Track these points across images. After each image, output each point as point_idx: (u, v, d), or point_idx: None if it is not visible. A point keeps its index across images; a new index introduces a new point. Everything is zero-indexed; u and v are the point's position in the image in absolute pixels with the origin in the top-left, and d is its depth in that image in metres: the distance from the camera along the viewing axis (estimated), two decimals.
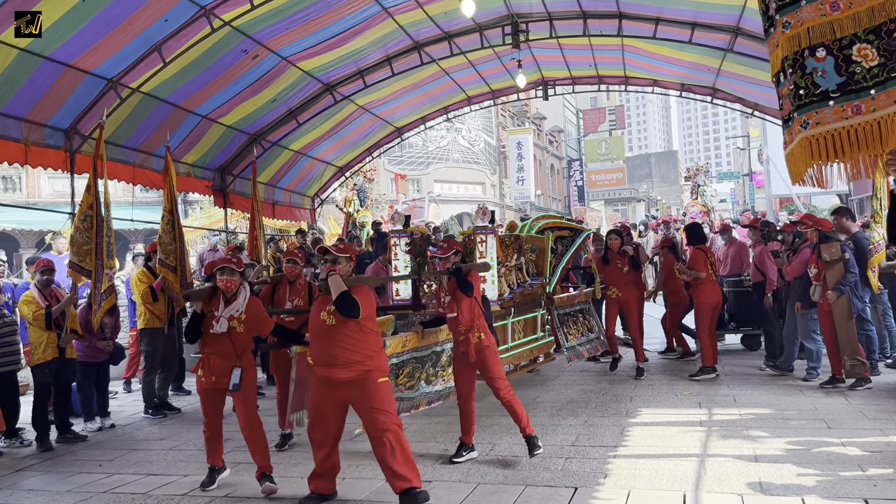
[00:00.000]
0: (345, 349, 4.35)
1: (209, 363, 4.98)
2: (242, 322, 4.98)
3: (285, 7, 8.42)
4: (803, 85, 3.25)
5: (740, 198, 47.89)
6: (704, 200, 22.20)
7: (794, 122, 3.34)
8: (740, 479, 4.61)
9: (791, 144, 3.45)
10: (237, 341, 4.96)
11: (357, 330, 4.37)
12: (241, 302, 5.00)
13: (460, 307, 5.35)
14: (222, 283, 4.97)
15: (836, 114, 3.17)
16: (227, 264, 5.02)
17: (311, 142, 12.71)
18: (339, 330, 4.36)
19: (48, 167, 8.01)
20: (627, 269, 8.48)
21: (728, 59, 10.60)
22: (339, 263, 4.48)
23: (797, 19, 3.26)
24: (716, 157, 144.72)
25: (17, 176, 22.72)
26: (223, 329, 4.90)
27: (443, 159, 36.89)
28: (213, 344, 4.96)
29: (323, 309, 4.43)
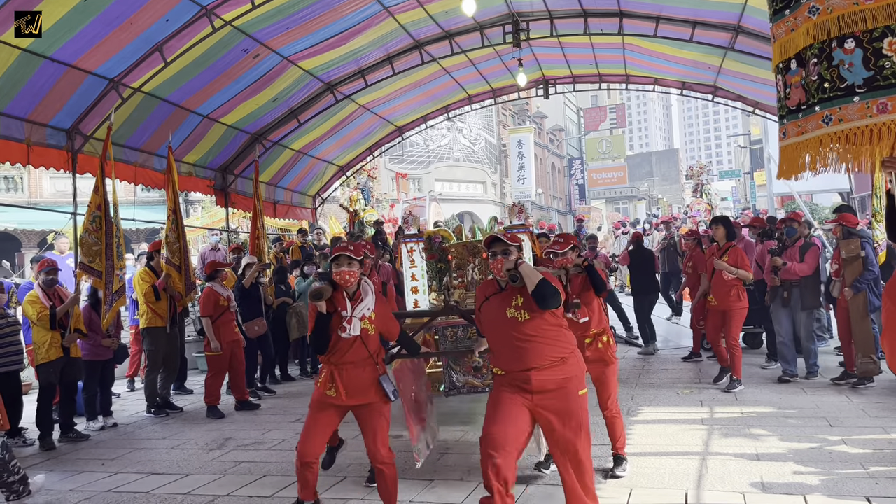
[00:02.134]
0: (543, 345, 3.67)
1: (342, 375, 4.08)
2: (373, 322, 4.15)
3: (286, 6, 8.42)
4: (829, 77, 3.06)
5: (741, 196, 47.87)
6: (710, 199, 22.23)
7: (815, 115, 3.18)
8: (742, 477, 4.61)
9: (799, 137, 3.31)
10: (371, 345, 4.13)
11: (551, 324, 3.72)
12: (370, 298, 4.15)
13: (591, 309, 4.89)
14: (340, 277, 4.07)
15: (861, 110, 2.98)
16: (344, 251, 4.11)
17: (312, 141, 12.72)
18: (534, 325, 3.69)
19: (50, 167, 8.02)
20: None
21: (729, 57, 10.59)
22: (511, 254, 3.80)
23: (826, 5, 3.05)
24: (717, 155, 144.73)
25: (20, 176, 22.74)
26: (356, 332, 4.05)
27: (444, 158, 36.87)
28: (346, 351, 4.07)
29: (508, 306, 3.74)
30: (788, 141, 3.37)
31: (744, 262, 7.37)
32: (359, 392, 4.08)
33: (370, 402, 4.09)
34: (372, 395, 4.08)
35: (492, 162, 40.73)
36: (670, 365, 9.09)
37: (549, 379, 3.66)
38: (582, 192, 52.02)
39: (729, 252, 7.44)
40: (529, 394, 3.67)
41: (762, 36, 9.26)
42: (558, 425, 3.64)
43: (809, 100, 3.21)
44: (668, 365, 9.10)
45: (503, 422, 3.65)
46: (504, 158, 42.87)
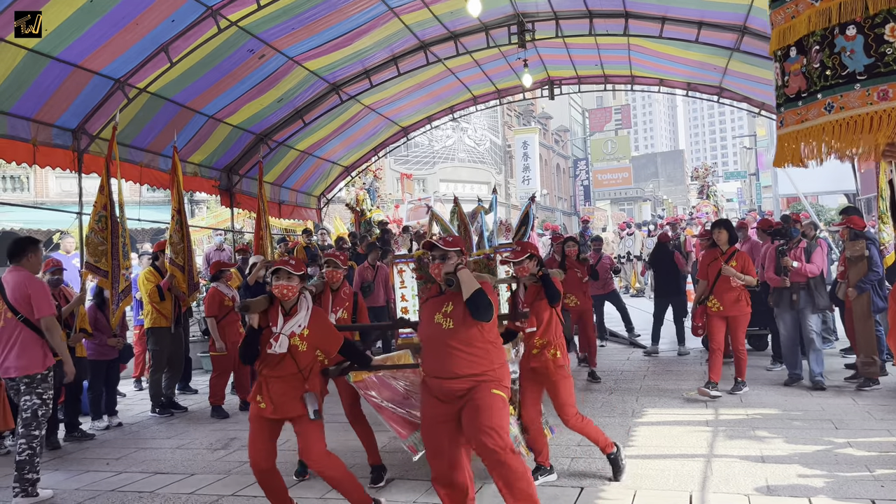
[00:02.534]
0: (460, 358, 3.62)
1: (269, 389, 4.07)
2: (305, 339, 4.07)
3: (292, 7, 8.44)
4: (830, 65, 3.04)
5: (747, 197, 47.76)
6: (715, 200, 22.21)
7: (817, 103, 3.14)
8: (747, 479, 4.60)
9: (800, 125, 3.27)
10: (301, 361, 4.06)
11: (477, 337, 3.65)
12: (303, 315, 4.09)
13: (540, 319, 4.77)
14: (278, 291, 4.04)
15: (862, 98, 2.95)
16: (284, 266, 4.07)
17: (318, 141, 12.73)
18: (458, 335, 3.64)
19: (56, 167, 8.05)
20: (587, 278, 8.60)
21: (735, 58, 10.56)
22: (450, 259, 3.72)
23: None
24: (722, 156, 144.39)
25: (26, 176, 22.82)
26: (283, 349, 4.00)
27: (448, 159, 36.90)
28: (274, 366, 4.06)
29: (438, 311, 3.73)
30: (787, 129, 3.34)
31: (750, 267, 7.21)
32: (285, 406, 4.05)
33: (296, 414, 4.07)
34: (300, 409, 4.06)
35: (497, 163, 40.72)
36: (675, 366, 9.07)
37: (460, 388, 3.64)
38: (587, 193, 51.98)
39: (735, 257, 7.20)
40: (443, 403, 3.70)
41: (768, 37, 9.20)
42: (469, 424, 3.61)
43: (811, 87, 3.18)
44: (673, 366, 9.08)
45: (438, 454, 3.71)
46: (509, 159, 42.86)
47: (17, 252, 5.36)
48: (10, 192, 22.65)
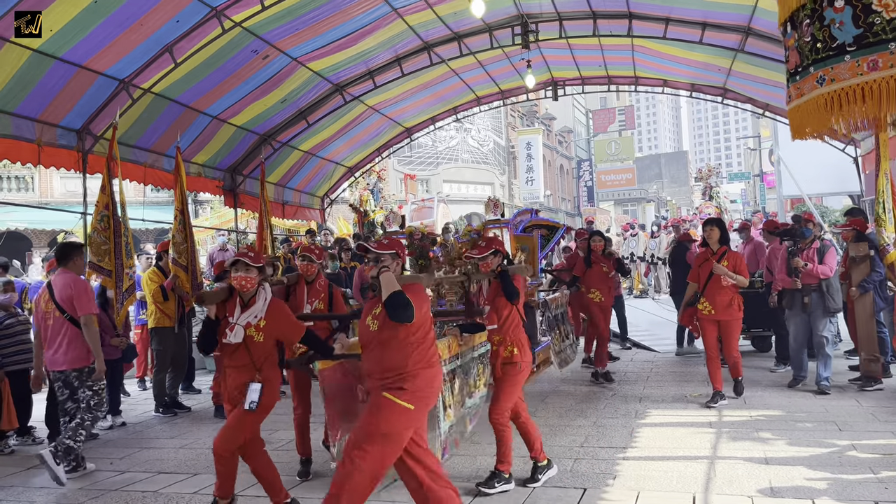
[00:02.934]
0: (382, 358, 3.64)
1: (226, 378, 4.28)
2: (261, 329, 4.21)
3: (295, 8, 8.45)
4: (821, 38, 3.05)
5: (751, 198, 47.70)
6: (718, 201, 22.18)
7: (809, 76, 3.13)
8: (750, 481, 4.59)
9: (799, 99, 3.27)
10: (256, 352, 4.21)
11: (400, 339, 3.61)
12: (260, 306, 4.24)
13: (500, 315, 4.79)
14: (236, 282, 4.22)
15: (852, 69, 2.95)
16: (242, 258, 4.26)
17: (321, 142, 12.74)
18: (383, 337, 3.64)
19: (61, 167, 8.06)
20: (613, 273, 8.55)
21: (739, 59, 10.55)
22: (383, 261, 3.73)
23: None
24: (726, 157, 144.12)
25: (30, 176, 22.90)
26: (238, 339, 4.17)
27: (452, 159, 36.90)
28: (230, 356, 4.25)
29: (370, 312, 3.76)
30: (793, 104, 3.36)
31: (742, 267, 6.89)
32: (237, 395, 4.21)
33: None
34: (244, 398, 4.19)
35: (500, 163, 40.72)
36: (678, 368, 9.06)
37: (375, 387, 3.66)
38: (590, 194, 51.94)
39: (727, 256, 6.88)
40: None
41: (772, 38, 9.21)
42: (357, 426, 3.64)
43: (804, 61, 3.20)
44: (676, 368, 9.07)
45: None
46: (512, 160, 42.85)
47: (63, 256, 5.95)
48: (15, 193, 22.73)
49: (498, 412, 4.69)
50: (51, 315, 5.75)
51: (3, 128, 7.20)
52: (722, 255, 6.92)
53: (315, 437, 5.52)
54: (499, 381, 4.81)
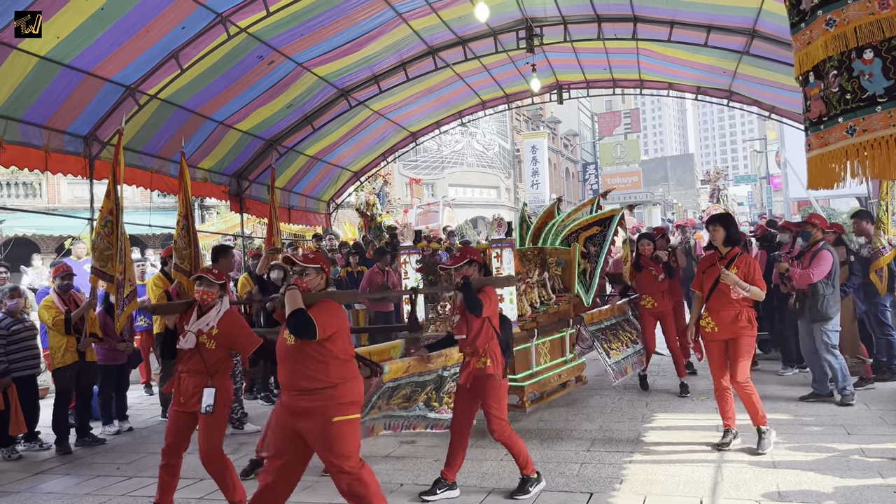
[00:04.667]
0: (305, 375, 3.71)
1: (180, 382, 4.50)
2: (214, 337, 4.43)
3: (301, 13, 8.48)
4: (850, 89, 3.07)
5: (757, 201, 47.55)
6: (726, 204, 22.12)
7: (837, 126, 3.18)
8: (758, 485, 4.57)
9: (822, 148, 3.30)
10: (208, 358, 4.43)
11: (319, 354, 3.71)
12: (213, 315, 4.47)
13: (469, 327, 4.68)
14: (199, 295, 4.51)
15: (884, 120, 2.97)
16: (206, 275, 4.56)
17: (327, 147, 12.77)
18: (301, 352, 3.72)
19: (68, 173, 8.10)
20: (662, 276, 7.80)
21: (744, 61, 10.53)
22: (308, 275, 3.85)
23: (843, 17, 3.05)
24: (732, 159, 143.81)
25: (38, 182, 23.00)
26: (190, 345, 4.41)
27: (457, 163, 36.93)
28: (185, 361, 4.49)
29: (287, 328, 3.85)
30: (813, 153, 3.40)
31: (755, 274, 5.44)
32: (192, 401, 4.43)
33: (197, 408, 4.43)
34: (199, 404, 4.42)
35: (505, 167, 40.73)
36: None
37: (303, 407, 3.72)
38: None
39: (737, 261, 5.48)
40: (291, 415, 3.78)
41: (778, 40, 9.20)
42: (318, 449, 3.76)
43: (831, 111, 3.23)
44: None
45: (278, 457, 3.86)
46: (518, 163, 42.85)
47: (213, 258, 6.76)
48: (23, 199, 22.84)
49: (498, 429, 4.63)
50: None
51: (10, 134, 7.25)
52: (732, 260, 5.52)
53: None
54: (481, 395, 4.68)
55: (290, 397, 3.79)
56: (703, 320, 5.64)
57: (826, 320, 6.67)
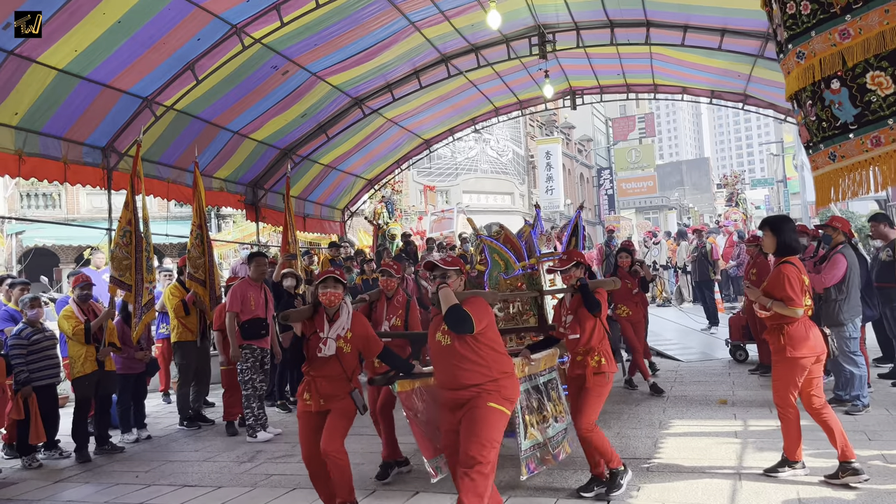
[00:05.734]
0: (464, 371, 3.81)
1: (317, 386, 4.46)
2: (349, 341, 4.48)
3: (314, 24, 8.55)
4: (825, 117, 3.19)
5: (775, 204, 47.13)
6: (744, 208, 21.97)
7: (822, 152, 3.30)
8: (777, 492, 4.52)
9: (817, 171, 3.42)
10: (346, 363, 4.47)
11: (475, 349, 3.82)
12: (345, 319, 4.51)
13: (583, 328, 4.81)
14: (325, 298, 4.46)
15: (857, 147, 3.08)
16: (332, 275, 4.52)
17: (341, 155, 12.84)
18: (456, 350, 3.83)
19: (86, 184, 8.21)
20: (637, 290, 8.51)
21: (759, 64, 10.47)
22: (449, 277, 3.98)
23: (810, 50, 3.18)
24: (749, 163, 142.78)
25: (57, 193, 23.31)
26: (331, 352, 4.41)
27: (471, 170, 36.91)
28: (320, 367, 4.46)
29: (438, 328, 3.96)
30: (814, 174, 3.54)
31: (786, 287, 4.61)
32: (331, 400, 4.45)
33: (334, 407, 4.44)
34: (338, 404, 4.44)
35: (519, 173, 40.66)
36: (703, 377, 8.95)
37: (462, 398, 3.82)
38: (611, 203, 51.65)
39: (772, 273, 4.82)
40: (450, 411, 3.91)
41: None
42: (462, 433, 3.78)
43: (813, 138, 3.39)
44: (701, 377, 8.96)
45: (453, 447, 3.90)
46: (532, 169, 42.77)
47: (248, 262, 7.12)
48: (43, 210, 23.14)
49: (586, 425, 4.66)
50: None
51: (30, 146, 7.36)
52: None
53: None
54: (585, 392, 4.74)
55: (451, 394, 3.87)
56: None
57: (839, 326, 6.48)
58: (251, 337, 7.04)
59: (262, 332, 7.16)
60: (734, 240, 16.54)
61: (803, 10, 3.19)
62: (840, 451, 4.63)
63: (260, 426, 7.06)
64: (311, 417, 4.48)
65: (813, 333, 4.71)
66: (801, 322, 4.68)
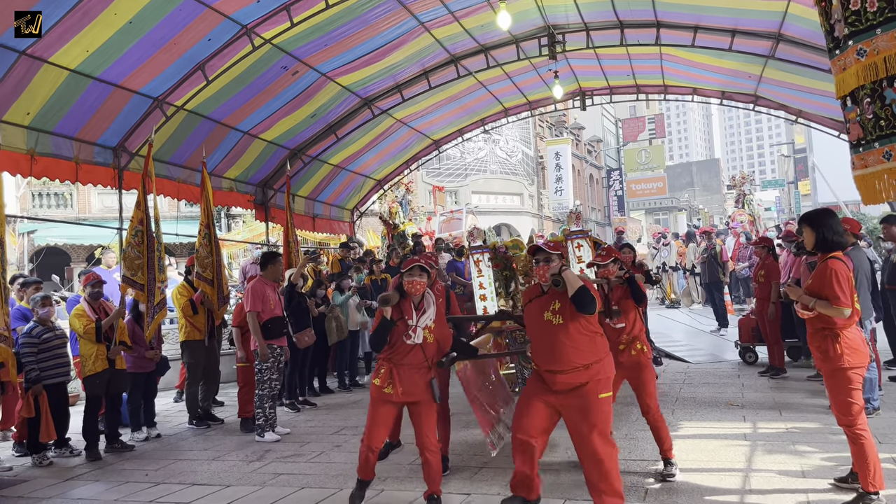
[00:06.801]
0: (572, 350, 4.02)
1: (399, 375, 4.51)
2: (432, 331, 4.61)
3: (324, 24, 8.57)
4: (884, 116, 3.17)
5: (785, 206, 46.90)
6: (752, 209, 21.85)
7: (875, 150, 3.28)
8: (787, 495, 4.50)
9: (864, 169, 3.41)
10: (429, 352, 4.59)
11: (583, 330, 4.06)
12: (432, 310, 4.64)
13: (628, 317, 5.24)
14: (410, 286, 4.56)
15: None
16: (417, 263, 4.62)
17: (350, 156, 12.86)
18: (568, 329, 4.05)
19: (98, 184, 8.26)
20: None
21: (770, 65, 10.40)
22: (553, 262, 4.16)
23: (873, 47, 3.15)
24: (759, 164, 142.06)
25: (69, 193, 23.48)
26: (420, 340, 4.52)
27: (480, 171, 36.89)
28: (404, 354, 4.54)
29: (546, 309, 4.13)
30: (857, 173, 3.54)
31: (834, 284, 4.21)
32: (412, 391, 4.53)
33: (421, 399, 4.55)
34: (423, 395, 4.55)
35: (529, 174, 40.60)
36: (712, 378, 8.91)
37: (572, 381, 4.04)
38: (621, 204, 51.53)
39: (815, 272, 4.44)
40: (554, 394, 4.09)
41: (804, 44, 9.09)
42: (577, 423, 4.03)
43: (867, 136, 3.34)
44: (710, 378, 8.93)
45: (531, 416, 4.14)
46: (541, 170, 42.70)
47: (262, 263, 7.27)
48: (55, 209, 23.32)
49: (653, 408, 5.09)
50: None
51: (42, 146, 7.41)
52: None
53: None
54: (638, 380, 5.15)
55: (553, 375, 4.07)
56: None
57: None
58: (273, 336, 7.07)
59: (283, 331, 7.22)
60: (741, 241, 16.47)
61: (869, 7, 3.18)
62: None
63: (269, 426, 7.08)
64: (389, 407, 4.59)
65: (864, 339, 4.41)
66: (854, 325, 4.31)
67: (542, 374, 4.15)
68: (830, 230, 4.35)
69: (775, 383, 8.26)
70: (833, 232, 4.35)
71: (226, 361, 10.06)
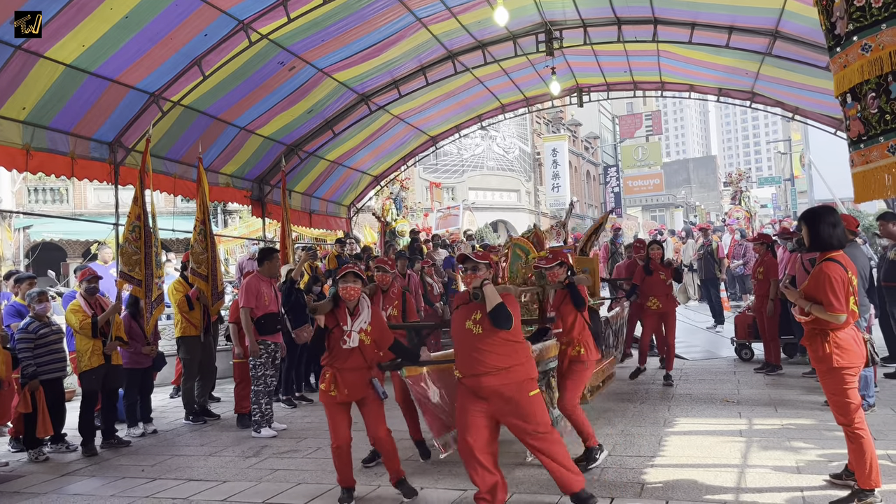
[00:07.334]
0: (490, 355, 4.11)
1: (342, 378, 4.68)
2: (369, 334, 4.73)
3: (321, 19, 8.56)
4: (889, 110, 3.19)
5: (782, 203, 46.99)
6: (748, 206, 21.91)
7: (879, 145, 3.29)
8: (782, 491, 4.51)
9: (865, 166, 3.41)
10: (368, 354, 4.73)
11: (505, 339, 4.14)
12: (366, 313, 4.76)
13: (565, 321, 5.34)
14: (345, 292, 4.68)
15: None
16: (351, 269, 4.77)
17: (347, 151, 12.85)
18: (486, 339, 4.13)
19: (94, 179, 8.23)
20: (671, 281, 8.52)
21: (767, 62, 10.43)
22: (480, 270, 4.24)
23: (878, 42, 3.18)
24: (756, 161, 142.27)
25: (65, 188, 23.41)
26: (355, 344, 4.65)
27: (477, 167, 36.91)
28: (343, 359, 4.69)
29: (468, 318, 4.21)
30: (857, 169, 3.54)
31: (827, 289, 4.14)
32: (355, 391, 4.72)
33: (365, 395, 4.76)
34: (366, 391, 4.76)
35: (526, 170, 40.63)
36: (708, 375, 8.94)
37: (495, 383, 4.11)
38: (618, 200, 51.58)
39: (813, 271, 4.32)
40: (484, 400, 4.16)
41: (801, 41, 9.11)
42: (521, 424, 4.15)
43: (870, 131, 3.35)
44: (706, 375, 8.95)
45: (472, 433, 4.16)
46: (538, 166, 42.73)
47: (259, 259, 7.24)
48: (51, 204, 23.24)
49: (569, 404, 5.26)
50: None
51: (38, 141, 7.39)
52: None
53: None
54: (564, 376, 5.35)
55: (476, 380, 4.15)
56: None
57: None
58: (267, 332, 7.04)
59: (277, 327, 7.19)
60: (736, 238, 16.50)
61: (874, 3, 3.22)
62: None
63: (265, 422, 7.08)
64: (338, 407, 4.74)
65: (859, 339, 4.27)
66: (849, 327, 4.22)
67: (467, 383, 4.20)
68: (827, 229, 4.23)
69: (771, 380, 8.28)
70: (829, 231, 4.23)
71: (222, 357, 10.07)
